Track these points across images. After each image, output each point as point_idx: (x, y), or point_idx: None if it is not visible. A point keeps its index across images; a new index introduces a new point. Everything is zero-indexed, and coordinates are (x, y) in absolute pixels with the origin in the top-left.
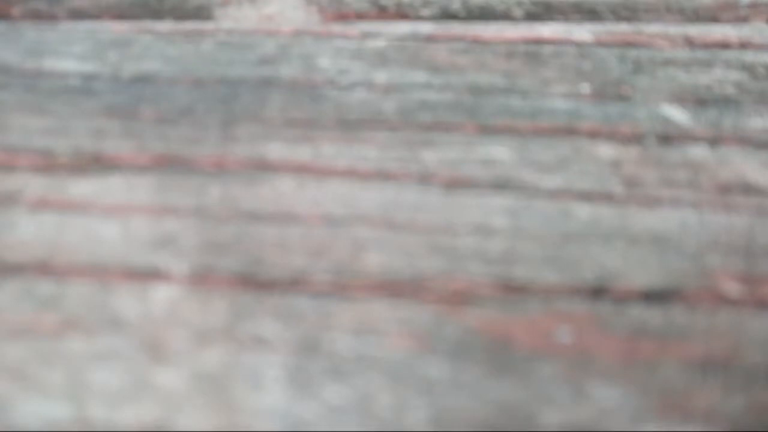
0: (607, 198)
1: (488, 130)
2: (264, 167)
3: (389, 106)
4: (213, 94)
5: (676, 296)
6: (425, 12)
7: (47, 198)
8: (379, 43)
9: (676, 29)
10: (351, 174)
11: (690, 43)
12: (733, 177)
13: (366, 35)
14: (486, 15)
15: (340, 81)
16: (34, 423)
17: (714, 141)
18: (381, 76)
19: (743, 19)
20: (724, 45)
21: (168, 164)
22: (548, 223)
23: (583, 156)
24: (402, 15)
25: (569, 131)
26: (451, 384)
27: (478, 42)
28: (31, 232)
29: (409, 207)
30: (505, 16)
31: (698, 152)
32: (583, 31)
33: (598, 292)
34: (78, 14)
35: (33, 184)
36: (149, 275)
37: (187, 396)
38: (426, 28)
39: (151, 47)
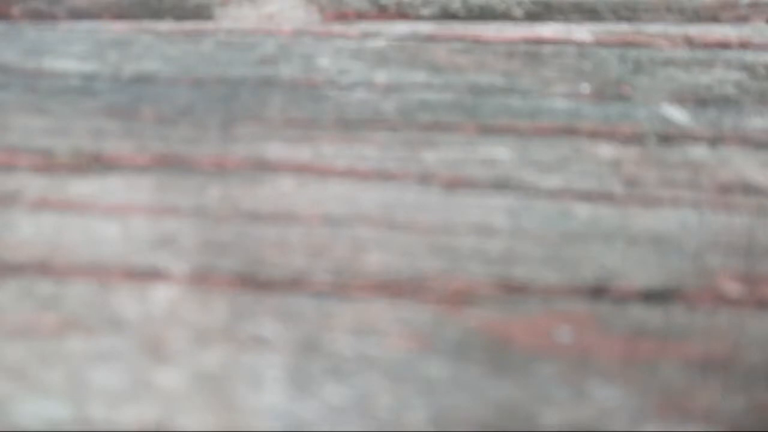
0: (607, 198)
1: (488, 130)
2: (264, 167)
3: (389, 106)
4: (213, 94)
5: (676, 296)
6: (425, 12)
7: (47, 198)
8: (379, 43)
9: (676, 29)
10: (351, 174)
11: (690, 43)
12: (733, 177)
13: (366, 35)
14: (486, 15)
15: (340, 81)
16: (34, 423)
17: (714, 141)
18: (381, 76)
19: (743, 19)
20: (724, 45)
21: (168, 164)
22: (548, 223)
23: (583, 156)
24: (402, 15)
25: (569, 131)
26: (451, 384)
27: (478, 42)
28: (31, 232)
29: (409, 207)
30: (505, 16)
31: (698, 152)
32: (583, 31)
33: (598, 292)
34: (78, 14)
35: (33, 184)
36: (149, 275)
37: (187, 396)
38: (426, 28)
39: (151, 47)
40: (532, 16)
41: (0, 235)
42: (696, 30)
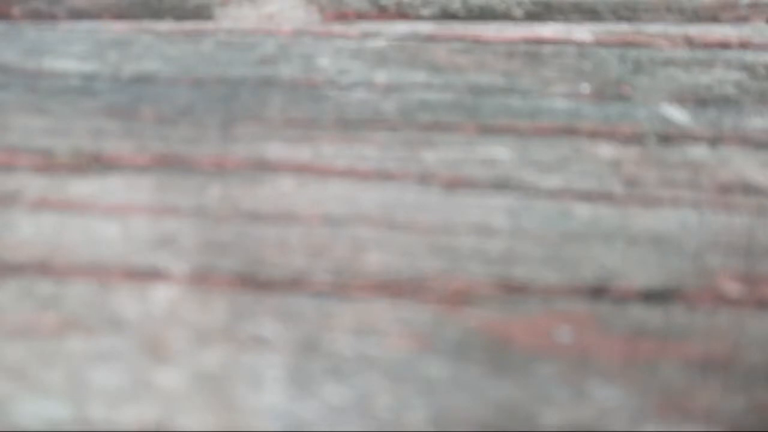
0: (607, 198)
1: (488, 130)
2: (264, 167)
3: (389, 106)
4: (213, 94)
5: (676, 296)
6: (425, 12)
7: (47, 198)
8: (379, 43)
9: (676, 29)
10: (351, 174)
11: (690, 43)
12: (733, 177)
13: (366, 35)
14: (486, 15)
15: (340, 81)
16: (34, 423)
17: (714, 141)
18: (381, 76)
19: (743, 19)
20: (724, 45)
21: (168, 164)
22: (548, 223)
23: (583, 156)
24: (402, 15)
25: (569, 131)
26: (451, 384)
27: (478, 42)
28: (31, 232)
29: (409, 207)
30: (505, 16)
31: (698, 152)
32: (583, 31)
33: (598, 292)
34: (78, 14)
35: (33, 184)
36: (149, 275)
37: (187, 396)
38: (426, 28)
39: (151, 47)
40: (532, 16)
41: (0, 235)
42: (696, 30)
